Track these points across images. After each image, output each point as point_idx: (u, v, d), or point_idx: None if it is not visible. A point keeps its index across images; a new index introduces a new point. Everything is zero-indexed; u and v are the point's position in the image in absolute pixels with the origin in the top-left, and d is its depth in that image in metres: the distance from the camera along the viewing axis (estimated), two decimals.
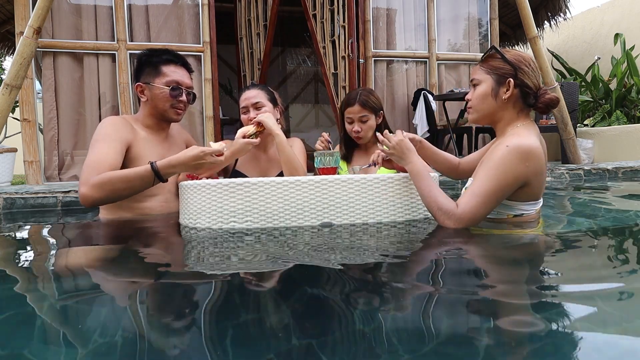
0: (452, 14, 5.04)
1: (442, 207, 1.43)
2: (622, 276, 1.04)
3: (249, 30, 5.19)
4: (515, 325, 0.76)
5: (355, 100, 2.18)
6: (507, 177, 1.39)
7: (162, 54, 1.97)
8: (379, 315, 0.83)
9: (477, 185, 1.41)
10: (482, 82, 1.52)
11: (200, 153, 1.66)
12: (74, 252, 1.55)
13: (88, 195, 1.66)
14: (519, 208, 1.49)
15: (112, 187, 1.68)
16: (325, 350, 0.69)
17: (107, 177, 1.67)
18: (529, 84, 1.47)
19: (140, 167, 1.70)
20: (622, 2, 6.66)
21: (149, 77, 1.95)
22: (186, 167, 1.70)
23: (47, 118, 3.82)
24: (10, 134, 5.43)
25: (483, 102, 1.53)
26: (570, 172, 3.58)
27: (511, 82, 1.47)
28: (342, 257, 1.24)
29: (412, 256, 1.32)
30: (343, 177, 1.61)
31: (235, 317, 0.85)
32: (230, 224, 1.59)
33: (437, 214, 1.45)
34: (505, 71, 1.48)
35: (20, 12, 3.66)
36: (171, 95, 1.93)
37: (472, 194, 1.41)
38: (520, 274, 1.11)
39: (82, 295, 1.03)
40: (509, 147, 1.40)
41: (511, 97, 1.49)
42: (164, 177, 1.69)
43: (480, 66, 1.55)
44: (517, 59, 1.49)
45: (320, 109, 8.98)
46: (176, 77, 1.95)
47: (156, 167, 1.66)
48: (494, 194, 1.40)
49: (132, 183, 1.69)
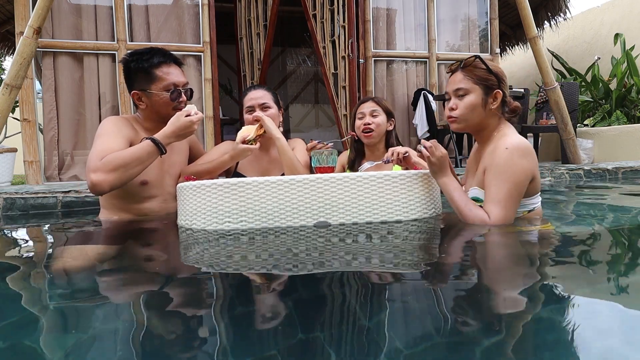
0: (452, 14, 5.04)
1: (477, 217, 1.49)
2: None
3: (249, 30, 5.19)
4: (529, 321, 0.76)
5: (369, 99, 2.27)
6: (519, 175, 1.46)
7: (151, 56, 1.90)
8: (379, 312, 0.83)
9: (495, 191, 1.47)
10: (471, 92, 1.56)
11: (188, 122, 1.78)
12: (73, 252, 1.55)
13: (100, 180, 1.65)
14: (530, 203, 1.57)
15: (123, 164, 1.68)
16: (325, 347, 0.69)
17: (114, 157, 1.69)
18: (507, 94, 1.58)
19: (140, 144, 1.76)
20: (622, 2, 6.66)
21: (144, 84, 1.90)
22: (177, 136, 1.79)
23: (47, 118, 3.82)
24: (10, 134, 5.43)
25: (472, 112, 1.56)
26: (570, 172, 3.58)
27: (499, 93, 1.55)
28: (339, 256, 1.24)
29: (411, 254, 1.32)
30: (338, 176, 1.60)
31: (233, 315, 0.85)
32: (225, 224, 1.58)
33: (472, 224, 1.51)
34: (492, 82, 1.55)
35: (20, 12, 3.66)
36: (172, 99, 1.90)
37: (496, 201, 1.47)
38: (529, 271, 1.11)
39: (82, 294, 1.03)
40: (508, 148, 1.46)
41: (497, 107, 1.56)
42: (165, 147, 1.76)
43: (465, 76, 1.57)
44: (498, 70, 1.57)
45: (320, 109, 8.98)
46: (172, 79, 1.90)
47: (157, 140, 1.74)
48: (514, 194, 1.47)
49: (140, 158, 1.72)
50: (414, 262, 1.24)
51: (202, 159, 2.17)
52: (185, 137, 1.84)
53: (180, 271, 1.24)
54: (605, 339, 0.70)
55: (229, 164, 2.03)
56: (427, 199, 1.70)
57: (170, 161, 2.02)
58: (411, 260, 1.26)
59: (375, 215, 1.62)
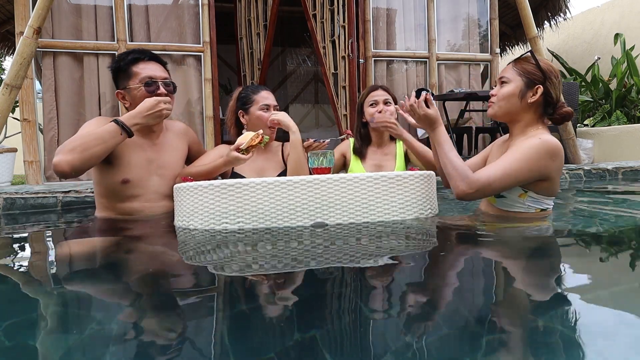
0: (452, 14, 5.04)
1: (459, 168, 1.50)
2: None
3: (249, 30, 5.19)
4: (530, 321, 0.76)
5: (377, 87, 2.33)
6: (531, 163, 1.49)
7: (127, 55, 1.96)
8: (379, 312, 0.83)
9: (502, 160, 1.50)
10: (512, 82, 1.61)
11: (154, 102, 1.81)
12: (73, 252, 1.55)
13: (58, 160, 1.69)
14: (545, 203, 1.61)
15: (81, 144, 1.72)
16: (325, 347, 0.69)
17: (74, 138, 1.75)
18: (552, 94, 1.58)
19: (106, 125, 1.78)
20: (622, 2, 6.65)
21: (124, 82, 1.95)
22: (143, 117, 1.80)
23: (47, 118, 3.83)
24: (10, 134, 5.43)
25: (508, 100, 1.60)
26: (570, 172, 3.58)
27: (540, 88, 1.56)
28: (337, 256, 1.24)
29: (410, 254, 1.32)
30: (335, 177, 1.61)
31: (232, 315, 0.85)
32: (222, 225, 1.59)
33: (452, 174, 1.51)
34: (537, 77, 1.57)
35: (20, 12, 3.66)
36: (147, 91, 1.91)
37: (494, 165, 1.50)
38: (529, 269, 1.11)
39: (82, 294, 1.03)
40: (541, 139, 1.50)
41: (535, 102, 1.58)
42: (130, 128, 1.77)
43: (513, 66, 1.63)
44: (549, 68, 1.58)
45: (320, 109, 8.98)
46: (147, 73, 1.93)
47: (120, 120, 1.77)
48: (513, 172, 1.49)
49: (101, 137, 1.74)
50: (411, 261, 1.24)
51: (200, 160, 2.18)
52: (155, 122, 1.88)
53: (178, 271, 1.24)
54: (605, 339, 0.70)
55: (223, 169, 2.04)
56: (423, 200, 1.71)
57: (161, 161, 2.02)
58: (408, 259, 1.26)
59: (372, 216, 1.62)
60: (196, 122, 4.20)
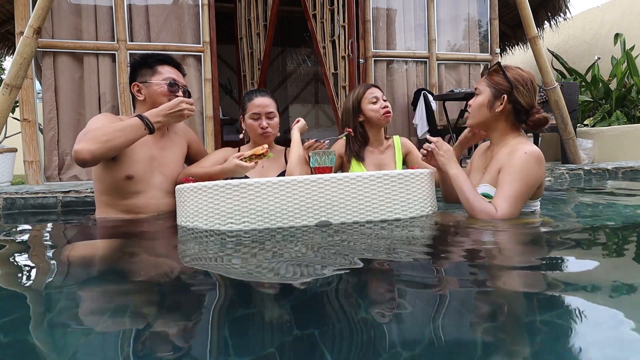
0: (452, 14, 5.04)
1: (484, 210, 1.55)
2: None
3: (249, 30, 5.19)
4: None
5: (370, 85, 2.36)
6: (531, 179, 1.56)
7: (156, 56, 2.07)
8: (382, 311, 0.83)
9: (507, 188, 1.55)
10: (482, 93, 1.70)
11: (178, 101, 1.85)
12: (72, 252, 1.55)
13: (80, 148, 1.71)
14: (533, 205, 1.69)
15: (105, 135, 1.74)
16: (326, 346, 0.69)
17: (97, 129, 1.77)
18: (522, 102, 1.64)
19: (129, 119, 1.83)
20: (622, 2, 6.66)
21: (146, 77, 2.01)
22: (165, 115, 1.85)
23: (47, 118, 3.82)
24: (10, 134, 5.42)
25: (479, 111, 1.71)
26: (570, 172, 3.58)
27: (505, 98, 1.63)
28: (342, 255, 1.24)
29: (411, 252, 1.32)
30: (339, 176, 1.62)
31: (234, 313, 0.85)
32: (228, 225, 1.59)
33: (479, 216, 1.57)
34: (503, 87, 1.64)
35: (20, 12, 3.65)
36: (169, 90, 1.99)
37: (506, 196, 1.54)
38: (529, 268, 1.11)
39: (82, 293, 1.03)
40: (527, 153, 1.56)
41: (503, 111, 1.65)
42: (152, 124, 1.82)
43: (485, 78, 1.71)
44: (516, 77, 1.64)
45: (320, 109, 8.98)
46: (172, 75, 2.03)
47: (145, 116, 1.81)
48: (523, 194, 1.56)
49: (124, 129, 1.78)
50: (414, 259, 1.24)
51: (203, 161, 2.18)
52: (176, 121, 1.92)
53: (181, 271, 1.23)
54: (606, 339, 0.70)
55: (221, 176, 2.01)
56: (424, 197, 1.72)
57: (162, 158, 2.03)
58: (411, 256, 1.26)
59: (375, 214, 1.63)
60: (196, 122, 4.20)
